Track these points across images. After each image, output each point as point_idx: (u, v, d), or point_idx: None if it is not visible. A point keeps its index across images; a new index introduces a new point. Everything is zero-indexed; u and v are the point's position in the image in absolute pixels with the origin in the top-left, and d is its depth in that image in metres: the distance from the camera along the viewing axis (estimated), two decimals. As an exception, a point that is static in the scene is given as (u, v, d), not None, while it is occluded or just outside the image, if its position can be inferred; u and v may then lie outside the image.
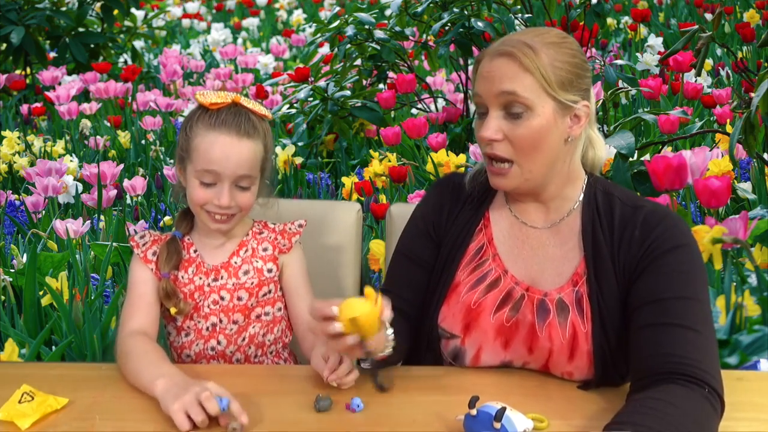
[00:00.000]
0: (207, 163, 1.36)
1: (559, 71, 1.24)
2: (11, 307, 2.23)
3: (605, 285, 1.26)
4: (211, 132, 1.36)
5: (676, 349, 1.13)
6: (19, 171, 3.88)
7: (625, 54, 6.40)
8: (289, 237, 1.50)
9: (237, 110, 1.38)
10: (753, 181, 2.92)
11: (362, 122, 4.28)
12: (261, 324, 1.47)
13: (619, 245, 1.26)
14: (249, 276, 1.45)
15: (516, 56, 1.23)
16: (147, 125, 4.50)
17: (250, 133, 1.37)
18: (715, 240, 1.76)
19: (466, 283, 1.35)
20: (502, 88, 1.23)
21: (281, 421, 1.16)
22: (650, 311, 1.18)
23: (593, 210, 1.31)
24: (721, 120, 3.67)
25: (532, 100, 1.23)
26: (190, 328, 1.46)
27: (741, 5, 7.10)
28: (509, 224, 1.37)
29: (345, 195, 3.18)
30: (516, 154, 1.26)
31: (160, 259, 1.44)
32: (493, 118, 1.26)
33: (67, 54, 5.93)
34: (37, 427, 1.16)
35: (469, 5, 4.01)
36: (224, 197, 1.36)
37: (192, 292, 1.45)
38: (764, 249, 2.04)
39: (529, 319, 1.29)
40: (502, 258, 1.35)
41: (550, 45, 1.25)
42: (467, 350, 1.33)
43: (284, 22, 9.69)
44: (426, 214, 1.44)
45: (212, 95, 1.39)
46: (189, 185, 1.41)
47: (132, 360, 1.30)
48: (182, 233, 1.48)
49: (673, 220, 1.25)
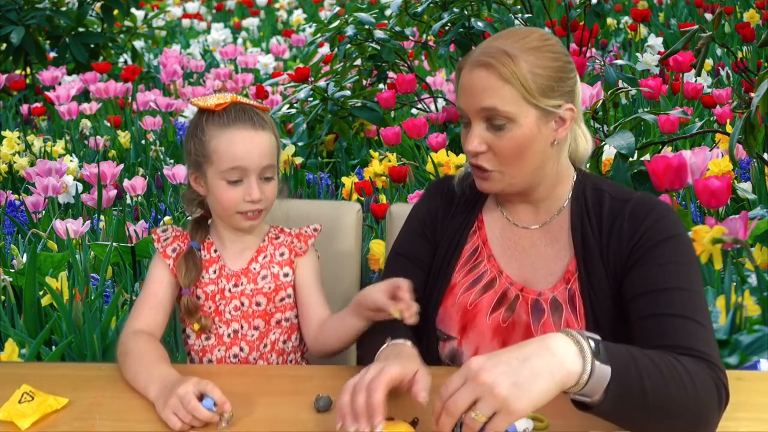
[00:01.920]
0: (232, 161, 1.36)
1: (540, 78, 1.22)
2: (11, 307, 2.23)
3: (596, 281, 1.26)
4: (227, 130, 1.37)
5: (681, 340, 1.12)
6: (19, 171, 3.88)
7: (625, 54, 6.40)
8: (305, 240, 1.50)
9: (242, 107, 1.39)
10: (753, 181, 2.92)
11: (362, 122, 4.28)
12: (281, 330, 1.47)
13: (608, 240, 1.26)
14: (267, 281, 1.45)
15: (494, 67, 1.21)
16: (147, 125, 4.50)
17: (263, 125, 1.39)
18: (715, 240, 1.76)
19: (462, 285, 1.35)
20: (482, 104, 1.23)
21: (281, 421, 1.16)
22: (649, 301, 1.17)
23: (581, 207, 1.31)
24: (721, 120, 3.67)
25: (514, 112, 1.22)
26: (211, 331, 1.46)
27: (741, 5, 7.10)
28: (501, 226, 1.38)
29: (345, 195, 3.17)
30: (500, 164, 1.26)
31: (179, 274, 1.43)
32: (475, 131, 1.25)
33: (67, 54, 5.93)
34: (37, 427, 1.16)
35: (469, 5, 4.01)
36: (254, 191, 1.37)
37: (214, 294, 1.45)
38: (764, 249, 2.03)
39: (524, 320, 1.29)
40: (496, 259, 1.35)
41: (530, 51, 1.22)
42: (464, 352, 1.33)
43: (284, 22, 9.70)
44: (422, 216, 1.44)
45: (212, 98, 1.39)
46: (214, 189, 1.40)
47: (129, 361, 1.31)
48: (199, 243, 1.47)
49: (663, 211, 1.24)
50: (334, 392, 1.23)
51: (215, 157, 1.37)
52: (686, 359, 1.07)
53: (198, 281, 1.44)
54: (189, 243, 1.46)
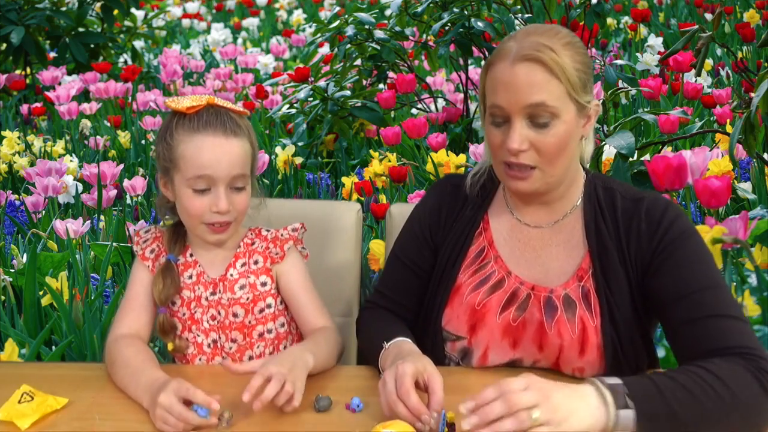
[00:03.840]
0: (198, 168, 1.29)
1: (579, 73, 1.22)
2: (11, 307, 2.22)
3: (613, 278, 1.26)
4: (196, 135, 1.29)
5: (719, 342, 1.14)
6: (19, 171, 3.87)
7: (625, 54, 6.40)
8: (281, 245, 1.41)
9: (216, 110, 1.32)
10: (753, 181, 2.92)
11: (362, 122, 4.28)
12: (265, 343, 1.41)
13: (627, 238, 1.27)
14: (245, 291, 1.39)
15: (543, 61, 1.18)
16: (147, 125, 4.50)
17: (236, 131, 1.31)
18: (715, 240, 1.76)
19: (468, 285, 1.35)
20: (530, 100, 1.19)
21: (281, 421, 1.16)
22: (683, 307, 1.19)
23: (595, 206, 1.31)
24: (721, 120, 3.67)
25: (559, 108, 1.21)
26: (189, 340, 1.41)
27: (741, 5, 7.10)
28: (510, 226, 1.37)
29: (345, 195, 3.17)
30: (541, 161, 1.24)
31: (155, 290, 1.36)
32: (518, 128, 1.21)
33: (67, 54, 5.93)
34: (36, 427, 1.16)
35: (469, 5, 4.01)
36: (222, 201, 1.29)
37: (189, 301, 1.39)
38: (764, 249, 2.03)
39: (537, 317, 1.29)
40: (504, 260, 1.35)
41: (567, 46, 1.21)
42: (474, 350, 1.33)
43: (284, 22, 9.70)
44: (423, 217, 1.43)
45: (186, 100, 1.32)
46: (181, 197, 1.33)
47: (116, 369, 1.29)
48: (176, 256, 1.40)
49: (676, 210, 1.27)
50: (333, 393, 1.23)
51: (182, 163, 1.30)
52: (720, 363, 1.10)
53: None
54: (167, 256, 1.39)
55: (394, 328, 1.34)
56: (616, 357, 1.25)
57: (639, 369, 1.28)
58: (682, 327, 1.19)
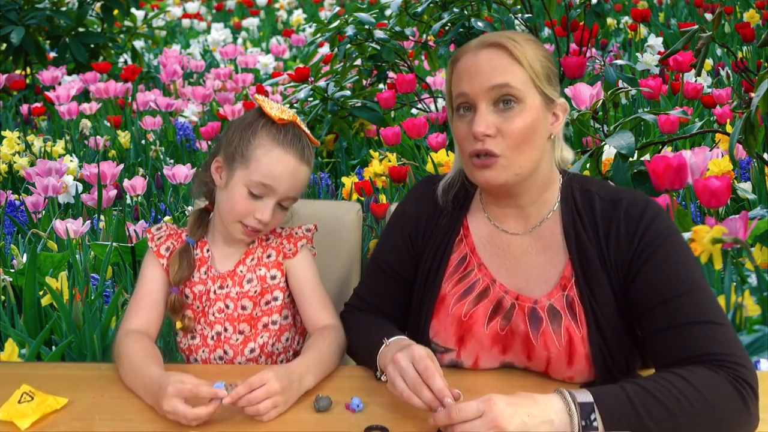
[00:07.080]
0: (266, 177, 1.34)
1: (542, 65, 1.24)
2: (11, 307, 2.22)
3: (596, 286, 1.24)
4: (278, 148, 1.35)
5: (696, 349, 1.12)
6: (19, 171, 3.87)
7: (625, 54, 6.40)
8: (295, 242, 1.47)
9: (298, 132, 1.38)
10: (753, 181, 2.92)
11: (362, 122, 4.28)
12: (269, 333, 1.46)
13: (606, 242, 1.24)
14: (252, 284, 1.44)
15: (505, 47, 1.22)
16: (147, 125, 4.50)
17: (308, 160, 1.39)
18: (715, 240, 1.76)
19: (453, 295, 1.33)
20: (494, 81, 1.21)
21: (281, 421, 1.16)
22: (661, 314, 1.17)
23: (572, 210, 1.29)
24: (721, 120, 3.67)
25: (524, 92, 1.22)
26: (196, 331, 1.46)
27: (741, 5, 7.10)
28: (488, 232, 1.35)
29: (345, 195, 3.17)
30: (507, 148, 1.23)
31: (171, 270, 1.41)
32: (483, 113, 1.22)
33: (67, 54, 5.92)
34: (36, 427, 1.16)
35: (469, 5, 4.01)
36: (267, 213, 1.36)
37: (201, 294, 1.44)
38: (764, 249, 2.03)
39: (522, 329, 1.27)
40: (487, 267, 1.33)
41: (529, 41, 1.25)
42: (464, 362, 1.32)
43: (284, 22, 9.69)
44: (403, 226, 1.42)
45: (277, 108, 1.37)
46: (233, 191, 1.37)
47: (120, 363, 1.32)
48: (195, 240, 1.45)
49: (656, 209, 1.24)
50: (333, 392, 1.23)
51: (253, 164, 1.35)
52: (699, 371, 1.08)
53: (188, 280, 1.43)
54: (185, 239, 1.44)
55: (390, 328, 1.34)
56: (605, 364, 1.23)
57: (630, 372, 1.26)
58: (662, 333, 1.16)
